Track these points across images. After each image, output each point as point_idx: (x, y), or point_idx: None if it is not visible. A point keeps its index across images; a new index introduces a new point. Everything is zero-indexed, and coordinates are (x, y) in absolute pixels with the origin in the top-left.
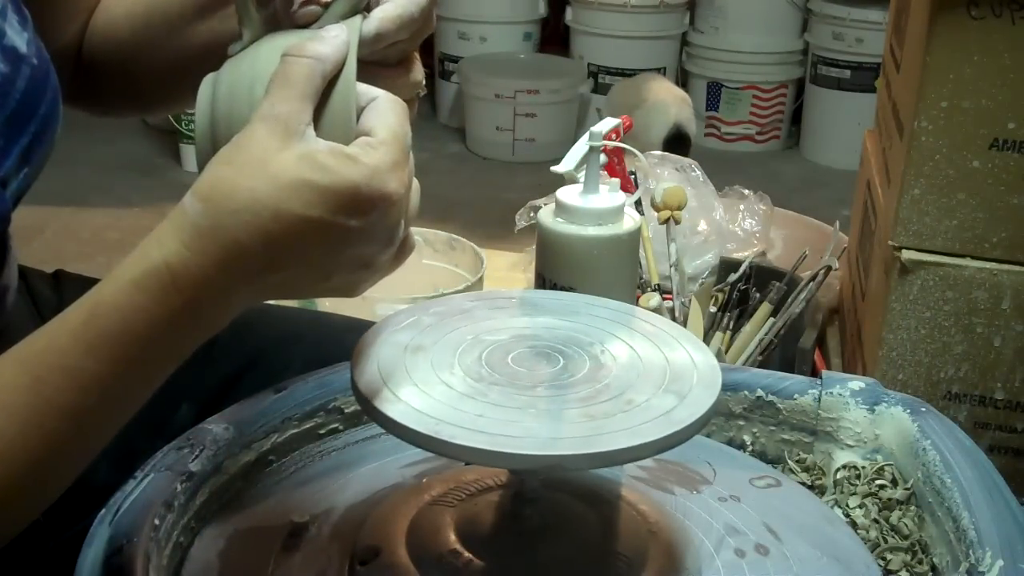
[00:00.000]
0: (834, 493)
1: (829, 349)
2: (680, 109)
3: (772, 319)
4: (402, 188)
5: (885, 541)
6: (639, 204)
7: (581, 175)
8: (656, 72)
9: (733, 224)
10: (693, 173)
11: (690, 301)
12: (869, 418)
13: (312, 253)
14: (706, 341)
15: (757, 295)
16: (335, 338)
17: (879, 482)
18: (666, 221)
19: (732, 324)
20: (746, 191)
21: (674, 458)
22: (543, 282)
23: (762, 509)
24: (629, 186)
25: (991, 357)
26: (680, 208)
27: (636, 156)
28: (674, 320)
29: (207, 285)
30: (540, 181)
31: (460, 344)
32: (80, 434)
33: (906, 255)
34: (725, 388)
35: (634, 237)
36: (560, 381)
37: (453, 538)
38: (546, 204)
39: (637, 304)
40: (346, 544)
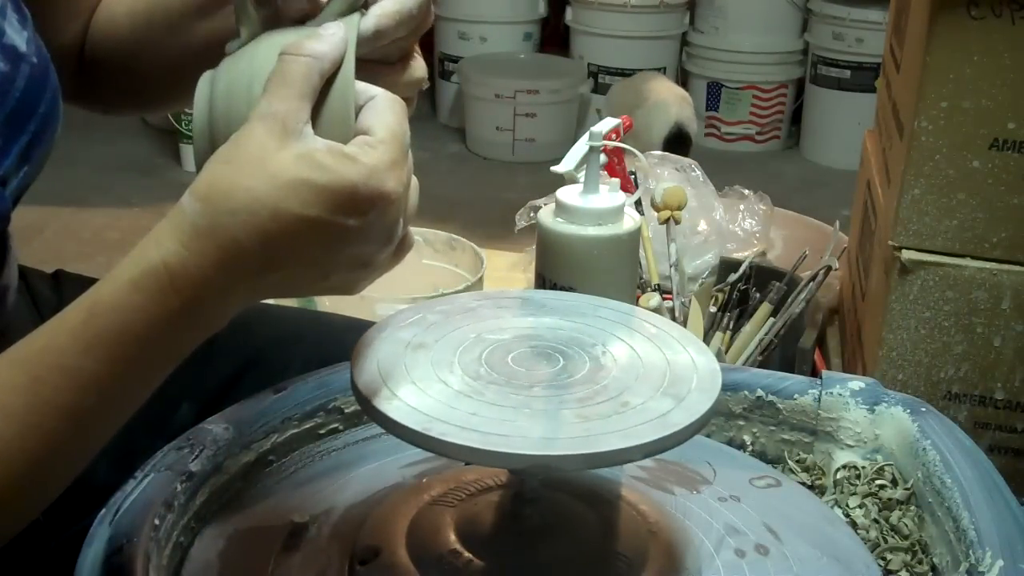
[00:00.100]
0: (834, 493)
1: (829, 349)
2: (681, 108)
3: (772, 319)
4: (400, 187)
5: (885, 541)
6: (639, 204)
7: (581, 175)
8: (656, 72)
9: (733, 224)
10: (693, 173)
11: (690, 301)
12: (869, 418)
13: (310, 252)
14: (706, 341)
15: (757, 295)
16: (335, 338)
17: (879, 482)
18: (666, 221)
19: (732, 324)
20: (746, 191)
21: (674, 458)
22: (543, 282)
23: (762, 509)
24: (629, 186)
25: (991, 357)
26: (680, 208)
27: (636, 156)
28: (674, 320)
29: (205, 285)
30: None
31: (462, 343)
32: (79, 434)
33: (906, 255)
34: (725, 388)
35: (634, 237)
36: (558, 381)
37: (453, 538)
38: (546, 204)
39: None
40: (346, 544)
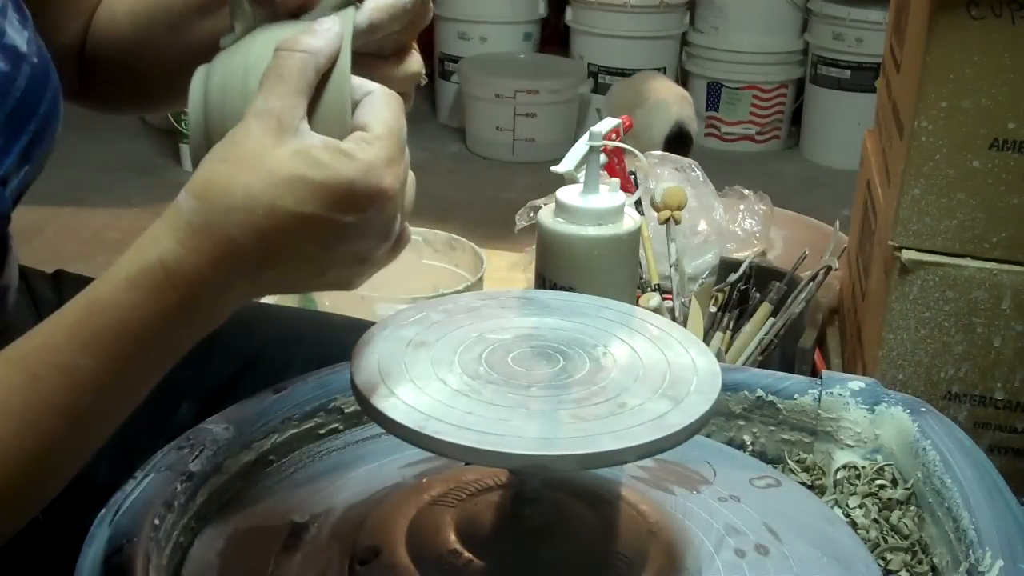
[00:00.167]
0: (834, 493)
1: (829, 349)
2: (681, 107)
3: (772, 319)
4: (397, 183)
5: (885, 541)
6: (639, 204)
7: (581, 175)
8: (656, 72)
9: (733, 224)
10: (693, 173)
11: (690, 301)
12: (869, 418)
13: (307, 249)
14: (706, 341)
15: (757, 295)
16: (335, 338)
17: (879, 482)
18: (666, 221)
19: (732, 324)
20: (746, 191)
21: (674, 458)
22: (543, 282)
23: (762, 509)
24: (629, 186)
25: (991, 357)
26: (680, 208)
27: (636, 156)
28: (674, 320)
29: (202, 282)
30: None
31: (463, 342)
32: (77, 432)
33: (906, 255)
34: (725, 388)
35: (634, 237)
36: (557, 382)
37: (453, 538)
38: (546, 204)
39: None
40: (346, 544)
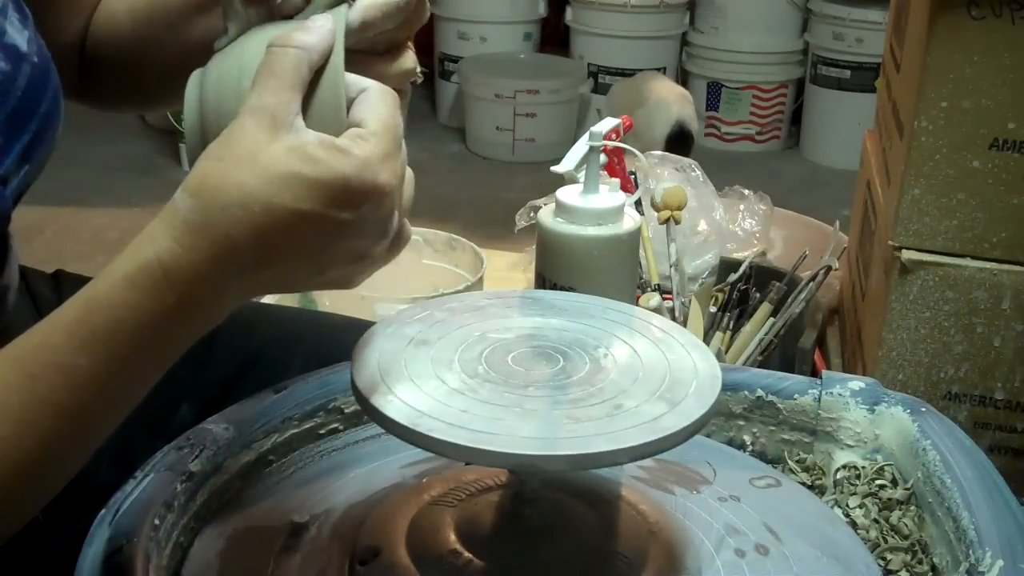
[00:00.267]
0: (834, 493)
1: (829, 349)
2: (682, 107)
3: (772, 319)
4: (394, 179)
5: (885, 541)
6: (639, 204)
7: (581, 175)
8: (657, 72)
9: (733, 224)
10: (693, 173)
11: (690, 301)
12: (869, 418)
13: (304, 246)
14: (706, 341)
15: (757, 295)
16: (335, 338)
17: (879, 482)
18: (666, 221)
19: (732, 324)
20: (746, 191)
21: (674, 458)
22: (543, 282)
23: (762, 509)
24: (629, 186)
25: (991, 357)
26: (680, 208)
27: (636, 156)
28: (674, 320)
29: (200, 281)
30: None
31: (465, 341)
32: (76, 432)
33: (906, 255)
34: (725, 388)
35: (634, 237)
36: (555, 382)
37: (453, 538)
38: (546, 204)
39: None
40: (346, 544)
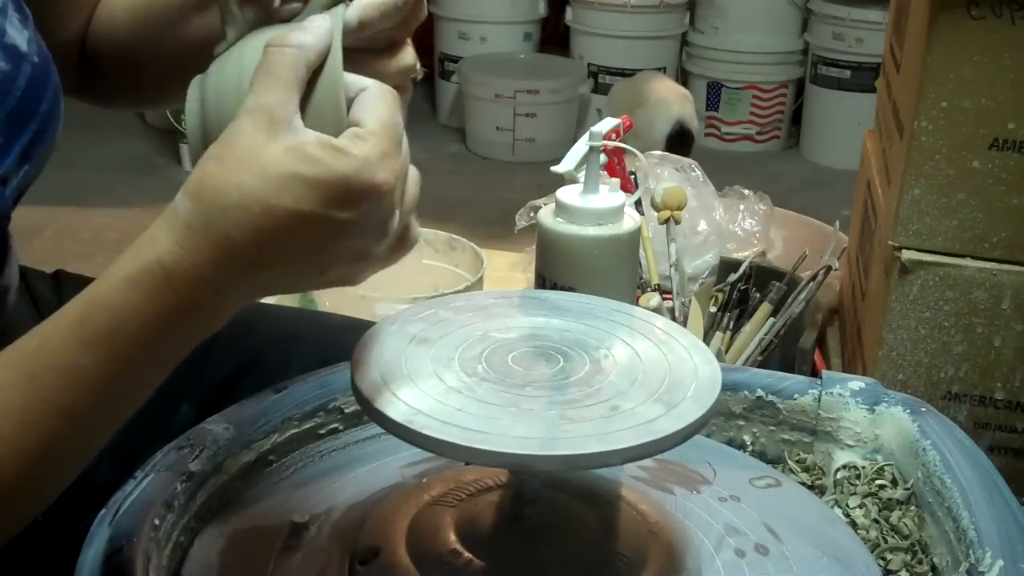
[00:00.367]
0: (834, 493)
1: (829, 349)
2: (682, 106)
3: (772, 319)
4: (392, 178)
5: (885, 541)
6: (639, 204)
7: (581, 175)
8: (657, 72)
9: (733, 224)
10: (693, 173)
11: (690, 301)
12: (869, 418)
13: (305, 247)
14: (706, 341)
15: (757, 295)
16: (335, 338)
17: (879, 482)
18: (666, 221)
19: (732, 324)
20: (746, 191)
21: (674, 458)
22: (543, 282)
23: (762, 509)
24: (629, 186)
25: (991, 357)
26: (680, 208)
27: (636, 156)
28: (674, 320)
29: (201, 283)
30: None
31: (466, 340)
32: (77, 433)
33: (906, 255)
34: (725, 388)
35: (634, 237)
36: (554, 382)
37: (453, 538)
38: (546, 204)
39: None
40: (346, 544)
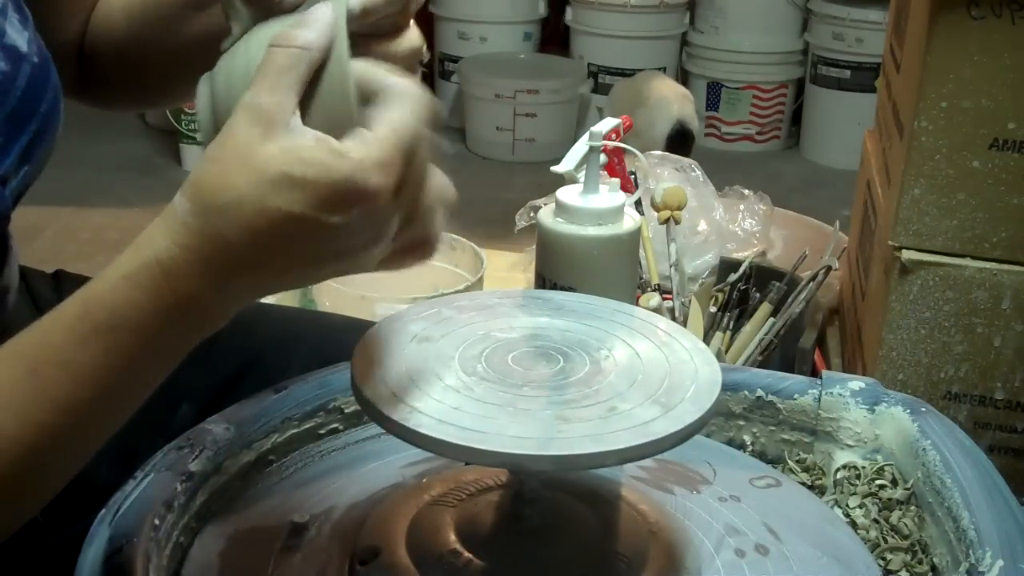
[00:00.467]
0: (834, 493)
1: (829, 349)
2: (682, 105)
3: (772, 319)
4: (388, 184)
5: (885, 541)
6: (639, 204)
7: (581, 175)
8: (657, 71)
9: (733, 224)
10: (693, 173)
11: (690, 301)
12: (869, 418)
13: (298, 248)
14: (706, 341)
15: (757, 295)
16: (335, 338)
17: (879, 482)
18: (666, 221)
19: (732, 324)
20: (746, 191)
21: (674, 458)
22: (543, 282)
23: (762, 509)
24: (629, 186)
25: (991, 357)
26: (680, 208)
27: (636, 156)
28: (674, 320)
29: (198, 282)
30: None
31: (468, 339)
32: (77, 428)
33: (906, 255)
34: (725, 388)
35: (634, 237)
36: (552, 383)
37: (453, 538)
38: (546, 204)
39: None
40: (346, 544)
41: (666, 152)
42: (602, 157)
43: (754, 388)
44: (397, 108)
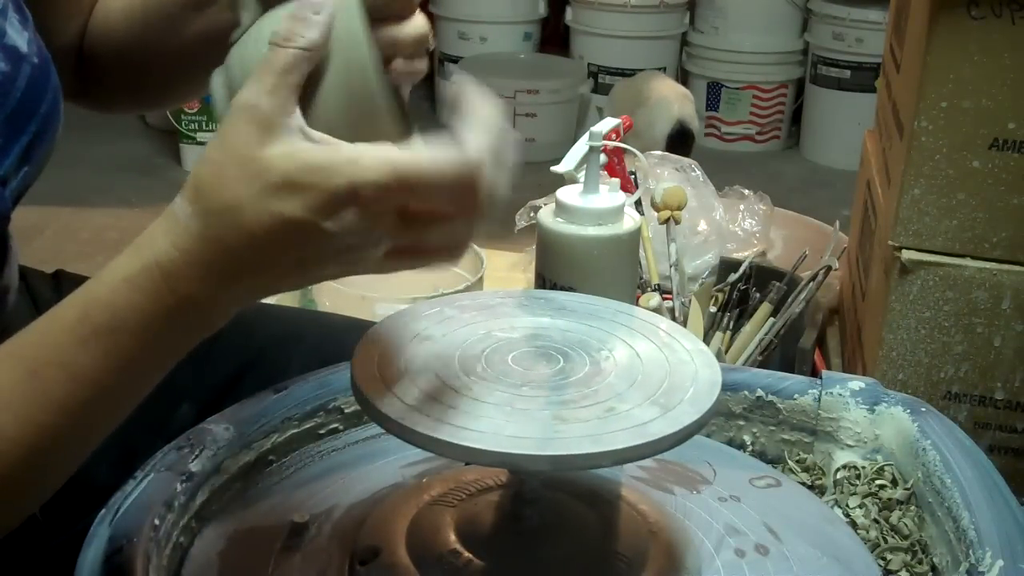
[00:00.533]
0: (834, 493)
1: (829, 349)
2: (683, 105)
3: (772, 319)
4: (391, 197)
5: (885, 541)
6: (639, 204)
7: (581, 175)
8: (657, 71)
9: (733, 224)
10: (693, 173)
11: (690, 301)
12: (869, 418)
13: (299, 252)
14: (706, 341)
15: (757, 295)
16: (335, 338)
17: (879, 482)
18: (666, 221)
19: (732, 324)
20: (746, 191)
21: (674, 458)
22: (543, 282)
23: (762, 509)
24: (629, 186)
25: (991, 357)
26: (680, 208)
27: (636, 156)
28: (674, 320)
29: (198, 285)
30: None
31: (468, 339)
32: (77, 429)
33: (906, 255)
34: (725, 388)
35: (634, 237)
36: (551, 383)
37: (453, 538)
38: (546, 204)
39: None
40: (346, 544)
41: (666, 152)
42: (602, 157)
43: (754, 388)
44: (470, 134)
